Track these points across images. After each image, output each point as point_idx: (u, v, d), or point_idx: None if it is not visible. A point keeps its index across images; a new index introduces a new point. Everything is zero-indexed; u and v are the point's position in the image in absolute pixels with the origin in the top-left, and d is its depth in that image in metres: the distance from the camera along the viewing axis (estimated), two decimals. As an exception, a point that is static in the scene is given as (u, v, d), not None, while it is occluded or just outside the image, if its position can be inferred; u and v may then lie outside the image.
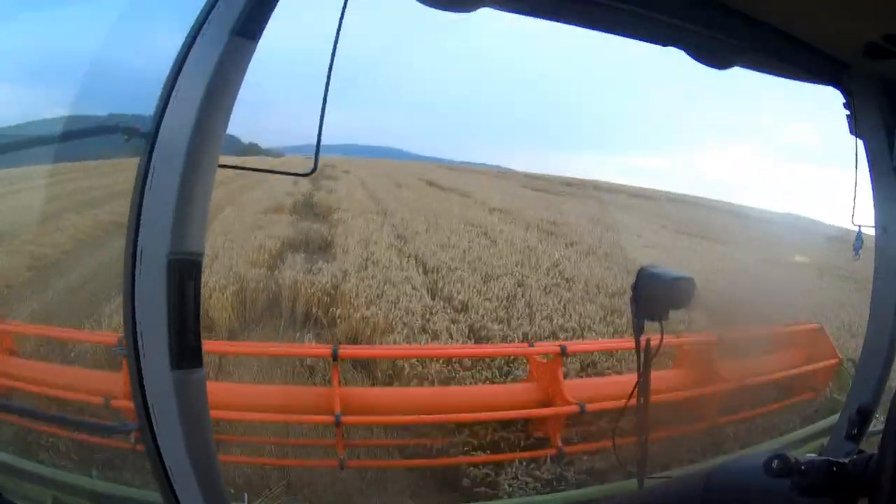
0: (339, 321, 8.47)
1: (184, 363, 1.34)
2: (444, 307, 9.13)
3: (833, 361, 6.94)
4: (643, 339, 1.92)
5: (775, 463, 1.39)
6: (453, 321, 8.57)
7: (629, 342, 1.89)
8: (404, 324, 7.86)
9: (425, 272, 11.18)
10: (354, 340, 7.56)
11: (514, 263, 12.32)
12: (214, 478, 1.45)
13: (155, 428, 1.37)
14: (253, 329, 7.90)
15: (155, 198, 1.33)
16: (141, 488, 3.98)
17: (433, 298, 9.53)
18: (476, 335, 8.10)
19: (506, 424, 5.98)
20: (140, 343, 1.34)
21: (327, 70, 1.56)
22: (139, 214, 1.33)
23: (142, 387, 1.36)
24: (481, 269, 11.49)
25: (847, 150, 2.53)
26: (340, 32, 1.53)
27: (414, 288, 9.77)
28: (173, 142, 1.33)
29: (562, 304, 9.78)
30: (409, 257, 12.06)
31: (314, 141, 1.61)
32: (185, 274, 1.34)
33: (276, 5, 1.42)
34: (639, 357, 1.95)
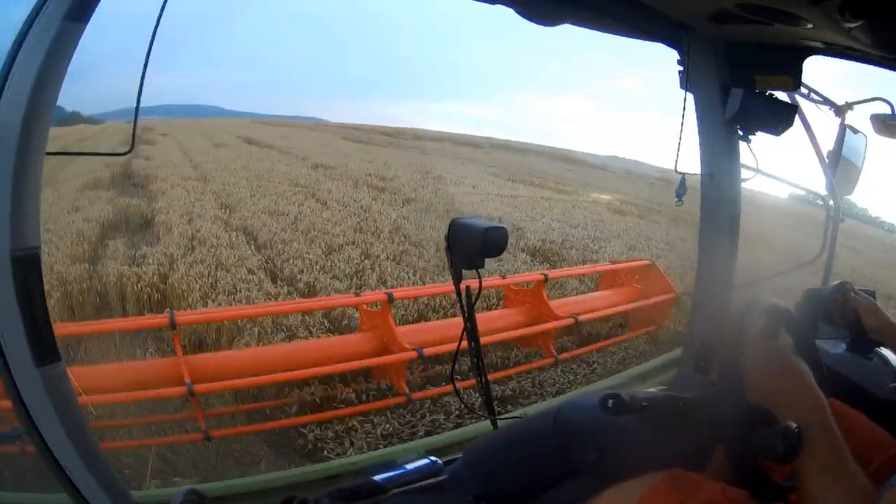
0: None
1: (45, 359, 1.39)
2: (289, 292, 8.42)
3: (669, 295, 7.55)
4: (462, 284, 2.00)
5: (610, 402, 1.53)
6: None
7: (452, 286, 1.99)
8: (252, 321, 7.01)
9: (258, 248, 10.55)
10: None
11: (353, 229, 12.00)
12: (105, 466, 1.51)
13: (40, 428, 1.41)
14: (88, 344, 6.46)
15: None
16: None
17: (275, 282, 8.82)
18: (336, 325, 7.40)
19: (351, 378, 6.10)
20: (4, 345, 1.37)
21: (149, 42, 1.53)
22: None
23: (17, 389, 1.39)
24: (319, 239, 11.01)
25: (672, 102, 2.77)
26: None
27: (250, 271, 9.03)
28: (3, 136, 1.33)
29: (417, 275, 9.44)
30: (237, 231, 11.31)
31: (133, 104, 1.59)
32: (27, 270, 1.36)
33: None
34: (461, 302, 2.04)
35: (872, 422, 1.83)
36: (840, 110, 3.37)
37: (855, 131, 3.37)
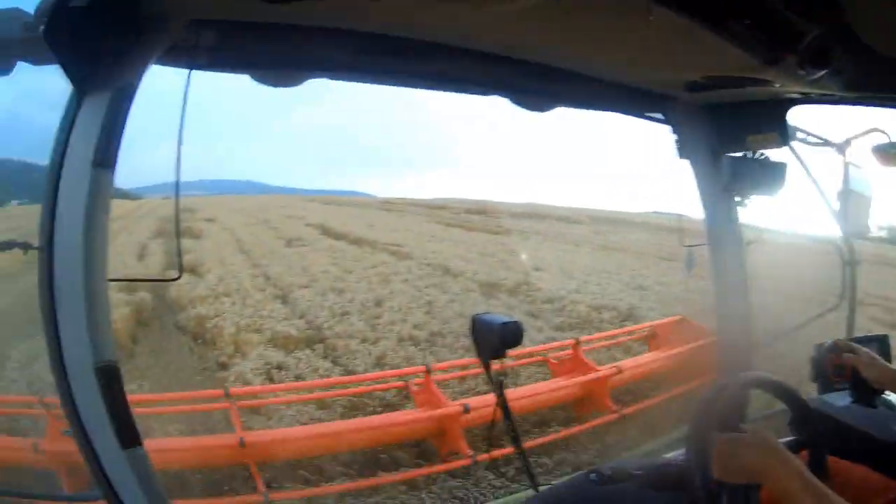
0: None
1: (129, 444, 1.60)
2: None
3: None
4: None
5: (593, 475, 1.63)
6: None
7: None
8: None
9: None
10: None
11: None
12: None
13: (122, 497, 1.61)
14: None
15: (67, 317, 1.58)
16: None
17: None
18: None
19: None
20: (90, 432, 1.60)
21: (180, 120, 1.77)
22: (57, 330, 1.59)
23: (100, 465, 1.60)
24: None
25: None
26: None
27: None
28: (68, 265, 1.58)
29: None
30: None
31: (172, 178, 1.85)
32: (111, 378, 1.59)
33: (123, 132, 1.59)
34: (492, 384, 2.21)
35: (872, 470, 1.93)
36: (840, 149, 3.35)
37: (857, 167, 3.30)
